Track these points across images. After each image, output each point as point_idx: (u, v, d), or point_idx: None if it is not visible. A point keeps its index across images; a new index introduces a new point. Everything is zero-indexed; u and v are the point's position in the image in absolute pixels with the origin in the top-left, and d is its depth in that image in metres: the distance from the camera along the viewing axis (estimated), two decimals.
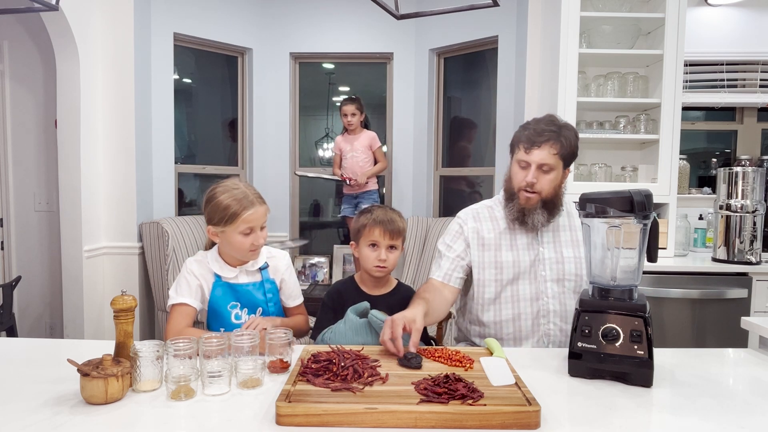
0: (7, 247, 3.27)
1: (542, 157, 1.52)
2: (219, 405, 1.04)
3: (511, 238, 1.63)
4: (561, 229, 1.64)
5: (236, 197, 1.47)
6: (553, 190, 1.56)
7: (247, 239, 1.47)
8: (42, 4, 1.42)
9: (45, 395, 1.07)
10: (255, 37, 3.85)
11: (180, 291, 1.50)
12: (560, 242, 1.62)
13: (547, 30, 2.98)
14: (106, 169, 3.07)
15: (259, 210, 1.48)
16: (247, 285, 1.54)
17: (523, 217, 1.57)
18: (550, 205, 1.57)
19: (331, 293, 1.65)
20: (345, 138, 3.71)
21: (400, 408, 0.95)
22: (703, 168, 3.46)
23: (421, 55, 3.90)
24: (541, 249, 1.61)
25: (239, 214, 1.45)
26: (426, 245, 3.54)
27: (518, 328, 1.59)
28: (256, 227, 1.48)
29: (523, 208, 1.57)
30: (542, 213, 1.56)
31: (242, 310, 1.53)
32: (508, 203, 1.61)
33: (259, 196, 1.52)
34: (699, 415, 1.02)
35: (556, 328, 1.57)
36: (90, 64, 2.91)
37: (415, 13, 1.55)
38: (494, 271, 1.60)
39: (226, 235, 1.48)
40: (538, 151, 1.52)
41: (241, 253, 1.50)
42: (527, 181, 1.54)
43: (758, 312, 2.48)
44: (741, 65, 3.12)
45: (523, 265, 1.59)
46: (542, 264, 1.59)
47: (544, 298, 1.58)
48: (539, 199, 1.56)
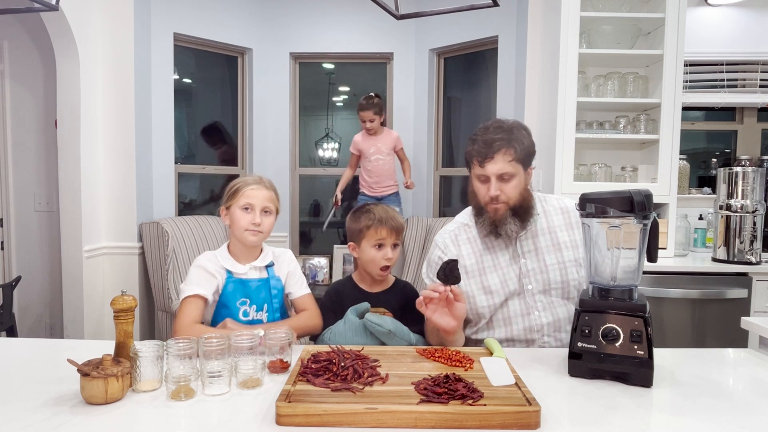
0: (7, 247, 3.27)
1: (498, 167, 1.45)
2: (219, 405, 1.04)
3: (492, 258, 1.57)
4: (540, 233, 1.57)
5: (245, 179, 1.59)
6: (519, 195, 1.50)
7: (246, 216, 1.53)
8: (42, 4, 1.42)
9: (45, 395, 1.07)
10: (255, 37, 3.86)
11: (191, 282, 1.51)
12: (541, 249, 1.56)
13: (547, 30, 2.98)
14: (106, 169, 3.07)
15: (262, 190, 1.57)
16: (255, 281, 1.57)
17: (497, 230, 1.52)
18: (521, 211, 1.51)
19: (330, 293, 1.65)
20: (365, 138, 3.56)
21: (400, 408, 0.95)
22: (703, 168, 3.46)
23: (421, 55, 3.90)
24: (523, 261, 1.55)
25: (241, 189, 1.55)
26: (426, 245, 3.54)
27: (512, 345, 1.55)
28: (255, 206, 1.54)
29: (493, 220, 1.51)
30: (514, 221, 1.50)
31: (250, 307, 1.55)
32: (479, 218, 1.56)
33: (268, 181, 1.62)
34: (699, 415, 1.02)
35: (551, 338, 1.52)
36: (90, 64, 2.91)
37: (415, 13, 1.54)
38: (485, 297, 1.55)
39: (231, 213, 1.56)
40: (492, 163, 1.45)
41: (238, 230, 1.54)
42: (490, 195, 1.48)
43: (758, 312, 2.48)
44: (741, 65, 3.12)
45: (511, 285, 1.54)
46: (527, 277, 1.54)
47: (534, 313, 1.53)
48: (507, 208, 1.50)
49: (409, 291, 1.66)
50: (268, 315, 1.56)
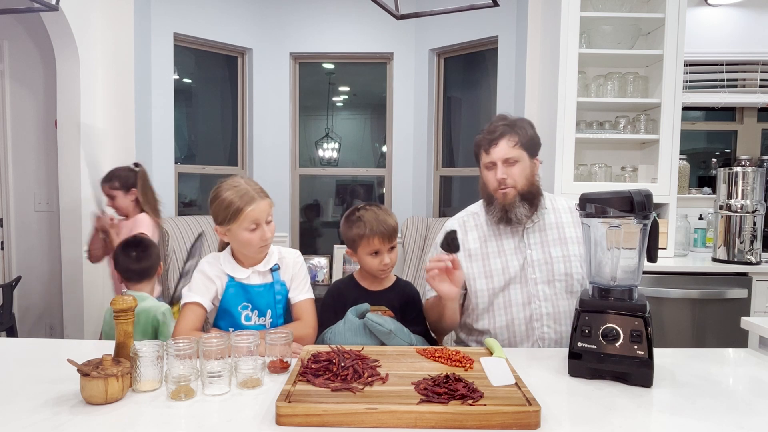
0: (7, 247, 3.27)
1: (504, 152, 1.55)
2: (219, 405, 1.04)
3: (497, 244, 1.62)
4: (548, 227, 1.63)
5: (238, 194, 1.45)
6: (525, 180, 1.56)
7: (255, 235, 1.46)
8: (42, 4, 1.42)
9: (45, 395, 1.07)
10: (255, 37, 3.86)
11: (192, 288, 1.50)
12: (547, 242, 1.60)
13: (547, 30, 2.98)
14: (106, 169, 3.06)
15: (261, 204, 1.46)
16: (258, 286, 1.52)
17: (507, 215, 1.57)
18: (529, 197, 1.57)
19: (332, 292, 1.65)
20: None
21: (400, 408, 0.95)
22: (703, 168, 3.46)
23: (421, 55, 3.90)
24: (529, 251, 1.60)
25: (242, 210, 1.43)
26: (426, 245, 3.54)
27: (512, 333, 1.58)
28: (261, 222, 1.46)
29: (503, 205, 1.57)
30: (523, 206, 1.57)
31: (252, 312, 1.52)
32: (489, 207, 1.62)
33: (260, 191, 1.50)
34: (699, 415, 1.02)
35: (551, 330, 1.55)
36: (90, 64, 2.91)
37: (415, 13, 1.54)
38: (485, 281, 1.60)
39: (233, 234, 1.47)
40: (497, 147, 1.55)
41: (251, 249, 1.49)
42: (498, 179, 1.55)
43: (758, 312, 2.48)
44: (741, 65, 3.12)
45: (512, 270, 1.59)
46: (531, 267, 1.58)
47: (536, 302, 1.56)
48: (516, 193, 1.56)
49: (410, 291, 1.66)
50: (272, 321, 1.52)
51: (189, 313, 1.46)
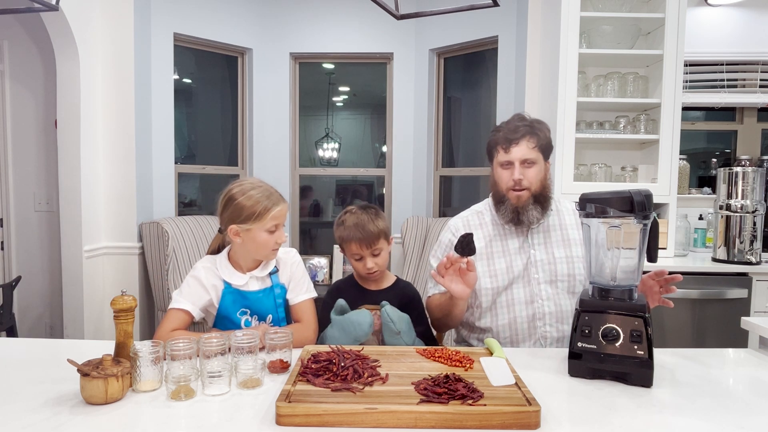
0: (7, 247, 3.27)
1: (523, 152, 1.54)
2: (219, 405, 1.04)
3: (502, 244, 1.63)
4: (551, 229, 1.63)
5: (264, 193, 1.46)
6: (540, 183, 1.57)
7: (272, 237, 1.45)
8: (42, 4, 1.42)
9: (45, 395, 1.07)
10: (255, 37, 3.85)
11: (181, 293, 1.47)
12: (551, 243, 1.61)
13: (547, 30, 2.98)
14: (106, 169, 3.07)
15: (284, 207, 1.48)
16: (257, 292, 1.50)
17: (518, 217, 1.57)
18: (542, 199, 1.58)
19: (332, 291, 1.65)
20: None
21: (400, 408, 0.95)
22: (703, 168, 3.46)
23: (421, 55, 3.90)
24: (533, 251, 1.60)
25: (269, 210, 1.43)
26: (426, 245, 3.54)
27: (515, 332, 1.58)
28: (281, 224, 1.47)
29: (516, 207, 1.57)
30: (535, 208, 1.57)
31: (252, 317, 1.50)
32: (500, 207, 1.61)
33: (281, 195, 1.52)
34: (699, 415, 1.02)
35: (553, 329, 1.56)
36: (90, 64, 2.91)
37: (415, 13, 1.54)
38: (489, 280, 1.60)
39: (251, 234, 1.44)
40: (517, 147, 1.54)
41: (264, 251, 1.47)
42: (514, 179, 1.55)
43: (758, 312, 2.48)
44: (741, 65, 3.12)
45: (516, 270, 1.59)
46: (534, 267, 1.59)
47: (538, 301, 1.57)
48: (530, 195, 1.56)
49: (410, 291, 1.66)
50: (273, 324, 1.50)
51: (173, 319, 1.42)
